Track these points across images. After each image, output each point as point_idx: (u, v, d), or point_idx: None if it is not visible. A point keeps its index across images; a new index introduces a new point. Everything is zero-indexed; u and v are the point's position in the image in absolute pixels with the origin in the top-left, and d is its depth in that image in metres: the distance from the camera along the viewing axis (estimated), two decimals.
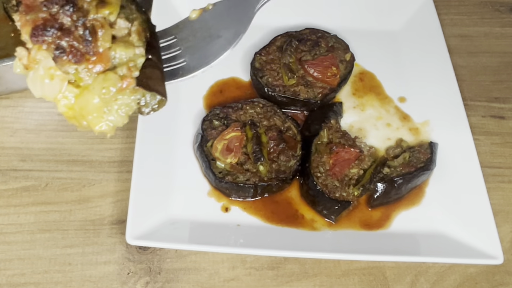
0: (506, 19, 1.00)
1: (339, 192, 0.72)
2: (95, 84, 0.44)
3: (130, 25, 0.46)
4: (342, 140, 0.76)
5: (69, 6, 0.43)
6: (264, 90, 0.80)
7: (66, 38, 0.43)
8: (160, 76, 0.48)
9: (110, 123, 0.45)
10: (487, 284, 0.70)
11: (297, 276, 0.69)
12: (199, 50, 0.51)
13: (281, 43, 0.85)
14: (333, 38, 0.86)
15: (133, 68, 0.45)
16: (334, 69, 0.81)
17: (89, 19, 0.44)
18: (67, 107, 0.46)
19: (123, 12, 0.46)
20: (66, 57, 0.43)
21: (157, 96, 0.46)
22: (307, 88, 0.80)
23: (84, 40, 0.43)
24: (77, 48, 0.43)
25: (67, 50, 0.43)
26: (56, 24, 0.43)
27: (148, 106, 0.46)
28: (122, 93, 0.45)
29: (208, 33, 0.51)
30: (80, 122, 0.46)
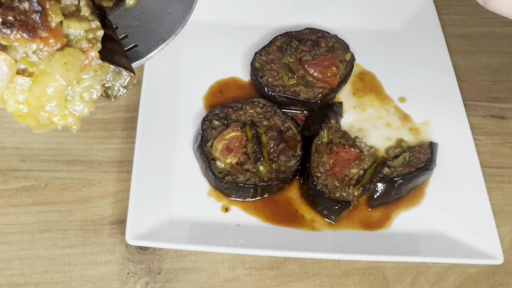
0: (506, 19, 0.99)
1: (339, 192, 0.72)
2: (53, 63, 0.38)
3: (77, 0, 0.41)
4: (342, 140, 0.76)
5: None
6: (264, 90, 0.80)
7: (11, 12, 0.37)
8: (122, 51, 0.44)
9: (74, 112, 0.40)
10: (487, 284, 0.70)
11: (297, 276, 0.69)
12: (149, 31, 0.49)
13: (281, 43, 0.85)
14: (333, 38, 0.86)
15: (94, 41, 0.40)
16: (334, 69, 0.81)
17: None
18: (19, 102, 0.39)
19: None
20: (17, 32, 0.37)
21: (122, 74, 0.42)
22: (307, 88, 0.80)
23: (33, 12, 0.37)
24: (26, 22, 0.37)
25: (15, 24, 0.37)
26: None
27: (114, 88, 0.42)
28: (86, 71, 0.40)
29: (153, 14, 0.49)
30: (37, 118, 0.40)
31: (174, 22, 0.48)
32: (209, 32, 0.90)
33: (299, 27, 0.87)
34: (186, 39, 0.89)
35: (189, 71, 0.85)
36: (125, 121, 0.82)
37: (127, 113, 0.82)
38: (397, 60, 0.89)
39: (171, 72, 0.84)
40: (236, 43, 0.89)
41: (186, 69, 0.86)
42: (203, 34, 0.90)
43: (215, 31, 0.91)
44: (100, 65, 0.40)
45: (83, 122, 0.81)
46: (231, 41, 0.89)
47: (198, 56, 0.87)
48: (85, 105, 0.40)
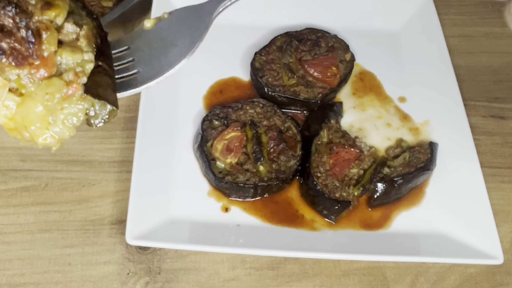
0: None
1: (339, 192, 0.71)
2: (38, 91, 0.41)
3: (79, 29, 0.43)
4: (342, 140, 0.76)
5: (11, 7, 0.40)
6: (264, 90, 0.80)
7: (7, 40, 0.40)
8: (111, 84, 0.45)
9: (55, 135, 0.42)
10: (487, 284, 0.70)
11: (297, 276, 0.69)
12: (153, 60, 0.50)
13: (281, 43, 0.85)
14: (333, 38, 0.86)
15: (81, 74, 0.42)
16: (334, 69, 0.81)
17: (33, 21, 0.41)
18: (8, 118, 0.42)
19: (72, 17, 0.44)
20: (6, 59, 0.40)
21: (107, 105, 0.43)
22: (307, 88, 0.80)
23: (27, 41, 0.40)
24: (18, 50, 0.40)
25: (7, 52, 0.40)
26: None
27: (98, 117, 0.43)
28: (68, 101, 0.41)
29: (163, 42, 0.50)
30: (22, 134, 0.42)
31: (177, 56, 0.49)
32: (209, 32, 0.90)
33: (299, 27, 0.87)
34: None
35: (189, 71, 0.85)
36: (125, 121, 0.82)
37: (127, 113, 0.82)
38: (397, 60, 0.89)
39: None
40: (236, 43, 0.89)
41: (186, 69, 0.85)
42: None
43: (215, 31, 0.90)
44: (83, 97, 0.42)
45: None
46: (231, 41, 0.89)
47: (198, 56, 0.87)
48: (66, 129, 0.42)
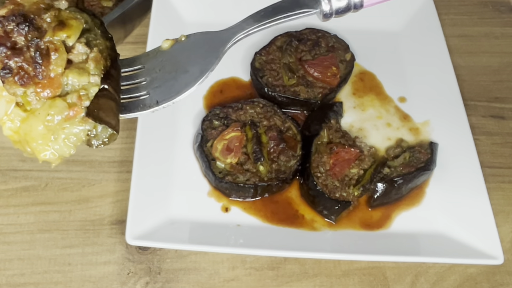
0: (506, 19, 0.99)
1: (339, 192, 0.71)
2: (41, 110, 0.42)
3: (89, 51, 0.44)
4: (342, 140, 0.76)
5: (25, 25, 0.41)
6: (264, 90, 0.80)
7: (16, 58, 0.41)
8: (114, 108, 0.45)
9: (55, 152, 0.43)
10: (487, 284, 0.70)
11: (297, 276, 0.69)
12: (163, 84, 0.49)
13: (281, 43, 0.85)
14: (333, 38, 0.86)
15: (84, 97, 0.43)
16: (334, 69, 0.81)
17: (44, 40, 0.42)
18: (13, 131, 0.43)
19: (86, 36, 0.44)
20: (12, 78, 0.41)
21: (108, 129, 0.44)
22: (307, 88, 0.80)
23: (34, 62, 0.41)
24: (25, 70, 0.41)
25: (14, 71, 0.41)
26: (8, 42, 0.41)
27: (99, 139, 0.44)
28: (69, 122, 0.43)
29: (176, 66, 0.50)
30: (25, 148, 0.44)
31: (187, 83, 0.49)
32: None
33: (299, 27, 0.87)
34: None
35: None
36: (125, 121, 0.81)
37: None
38: (397, 60, 0.89)
39: None
40: (236, 43, 0.89)
41: None
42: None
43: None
44: (84, 119, 0.43)
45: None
46: None
47: None
48: (67, 148, 0.43)
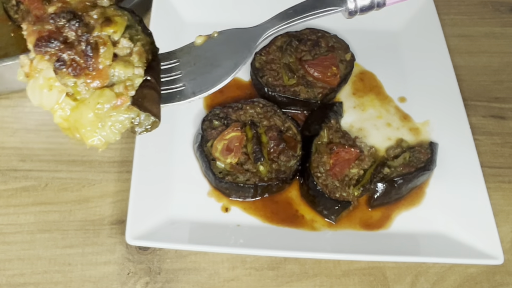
0: (506, 19, 1.00)
1: (339, 192, 0.71)
2: (91, 99, 0.45)
3: (133, 45, 0.47)
4: (342, 140, 0.76)
5: (75, 21, 0.44)
6: (264, 90, 0.80)
7: (68, 52, 0.44)
8: (157, 98, 0.48)
9: (102, 138, 0.46)
10: (488, 284, 0.70)
11: (297, 276, 0.69)
12: (198, 77, 0.53)
13: (281, 43, 0.85)
14: (333, 38, 0.86)
15: (130, 87, 0.46)
16: (334, 69, 0.81)
17: (93, 35, 0.45)
18: (63, 118, 0.47)
19: (128, 31, 0.47)
20: (66, 69, 0.44)
21: (151, 117, 0.47)
22: (307, 88, 0.80)
23: (85, 55, 0.44)
24: (77, 62, 0.44)
25: (67, 63, 0.44)
26: (60, 37, 0.44)
27: (142, 126, 0.48)
28: (116, 110, 0.46)
29: (209, 60, 0.53)
30: (74, 134, 0.47)
31: (221, 75, 0.53)
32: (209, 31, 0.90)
33: (299, 27, 0.87)
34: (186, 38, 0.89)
35: None
36: None
37: None
38: (397, 60, 0.89)
39: None
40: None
41: None
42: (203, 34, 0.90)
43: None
44: (130, 107, 0.46)
45: None
46: None
47: None
48: (113, 134, 0.47)
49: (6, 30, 0.88)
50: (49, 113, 0.83)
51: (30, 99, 0.48)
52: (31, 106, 0.83)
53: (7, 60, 0.73)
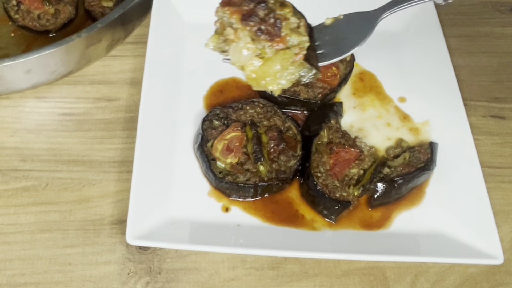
0: (506, 19, 1.00)
1: (340, 192, 0.72)
2: (277, 57, 0.62)
3: (299, 21, 0.64)
4: (342, 140, 0.76)
5: (263, 4, 0.62)
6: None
7: (263, 24, 0.61)
8: (315, 57, 0.67)
9: (279, 85, 0.64)
10: (487, 284, 0.70)
11: (297, 276, 0.70)
12: (332, 46, 0.69)
13: None
14: None
15: (301, 49, 0.63)
16: (334, 69, 0.81)
17: (276, 13, 0.62)
18: (252, 72, 0.63)
19: (293, 11, 0.64)
20: (263, 36, 0.61)
21: (313, 70, 0.64)
22: (307, 88, 0.80)
23: (275, 26, 0.61)
24: (269, 31, 0.61)
25: (264, 31, 0.61)
26: (256, 14, 0.61)
27: (305, 77, 0.65)
28: (293, 64, 0.63)
29: (338, 35, 0.69)
30: (259, 82, 0.64)
31: (350, 45, 0.69)
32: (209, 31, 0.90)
33: None
34: (186, 38, 0.89)
35: (189, 71, 0.85)
36: (125, 121, 0.82)
37: (127, 113, 0.83)
38: (397, 60, 0.89)
39: (171, 72, 0.84)
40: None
41: (187, 69, 0.86)
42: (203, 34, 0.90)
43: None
44: (301, 63, 0.63)
45: (84, 122, 0.81)
46: None
47: (198, 56, 0.87)
48: (287, 82, 0.64)
49: (6, 30, 0.89)
50: (49, 113, 0.84)
51: (231, 59, 0.64)
52: (31, 106, 0.83)
53: (7, 60, 0.73)
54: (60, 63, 0.79)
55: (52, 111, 0.82)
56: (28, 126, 0.81)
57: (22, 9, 0.87)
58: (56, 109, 0.83)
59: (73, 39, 0.76)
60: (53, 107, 0.83)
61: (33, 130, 0.80)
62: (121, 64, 0.88)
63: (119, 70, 0.87)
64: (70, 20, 0.89)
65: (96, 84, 0.85)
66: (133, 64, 0.88)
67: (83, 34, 0.77)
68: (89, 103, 0.83)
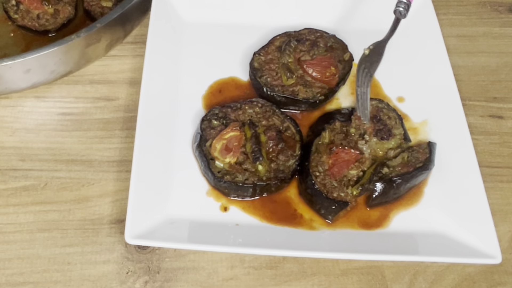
0: (504, 19, 1.00)
1: (337, 192, 0.72)
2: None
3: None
4: (344, 142, 0.76)
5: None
6: (263, 89, 0.80)
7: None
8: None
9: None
10: (485, 284, 0.70)
11: (296, 275, 0.70)
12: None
13: (280, 43, 0.85)
14: (332, 38, 0.86)
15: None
16: (333, 69, 0.82)
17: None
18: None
19: None
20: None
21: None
22: (306, 88, 0.81)
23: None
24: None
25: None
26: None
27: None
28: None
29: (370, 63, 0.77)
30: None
31: (375, 68, 0.78)
32: (208, 31, 0.91)
33: (298, 27, 0.87)
34: (185, 38, 0.89)
35: (188, 71, 0.85)
36: (124, 120, 0.82)
37: (126, 113, 0.83)
38: (396, 60, 0.89)
39: (170, 72, 0.84)
40: (235, 43, 0.89)
41: (185, 68, 0.86)
42: (202, 34, 0.90)
43: (214, 30, 0.91)
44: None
45: (83, 122, 0.81)
46: (230, 41, 0.89)
47: (197, 56, 0.87)
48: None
49: (6, 30, 0.89)
50: (49, 112, 0.84)
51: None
52: (30, 106, 0.83)
53: (7, 59, 0.73)
54: (59, 63, 0.79)
55: (51, 110, 0.82)
56: (27, 125, 0.81)
57: (21, 9, 0.87)
58: (55, 109, 0.83)
59: (72, 39, 0.77)
60: (52, 107, 0.83)
61: (32, 130, 0.80)
62: (120, 64, 0.88)
63: (118, 70, 0.87)
64: (70, 20, 0.89)
65: (95, 83, 0.86)
66: (132, 64, 0.88)
67: (82, 34, 0.77)
68: (88, 103, 0.84)
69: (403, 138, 0.77)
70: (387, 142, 0.77)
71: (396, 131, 0.78)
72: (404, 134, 0.78)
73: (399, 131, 0.78)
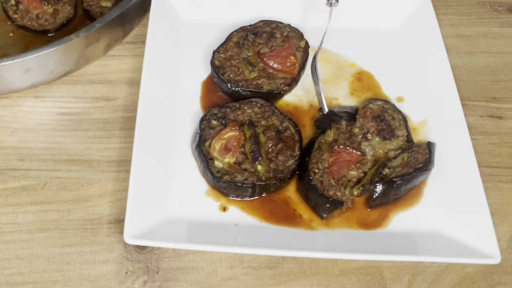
0: (504, 19, 1.00)
1: (333, 191, 0.72)
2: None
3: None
4: (347, 142, 0.76)
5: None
6: (227, 86, 0.80)
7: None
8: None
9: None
10: (485, 284, 0.70)
11: (295, 275, 0.70)
12: None
13: (238, 38, 0.85)
14: (287, 28, 0.86)
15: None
16: (292, 59, 0.82)
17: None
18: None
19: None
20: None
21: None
22: (269, 79, 0.81)
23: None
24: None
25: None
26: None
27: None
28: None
29: None
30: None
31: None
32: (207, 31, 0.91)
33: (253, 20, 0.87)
34: (184, 38, 0.89)
35: (188, 71, 0.85)
36: (123, 120, 0.82)
37: (126, 113, 0.83)
38: (395, 60, 0.89)
39: (169, 72, 0.84)
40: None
41: (185, 68, 0.86)
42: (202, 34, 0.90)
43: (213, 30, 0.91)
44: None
45: (82, 122, 0.81)
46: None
47: (196, 56, 0.87)
48: None
49: (5, 30, 0.89)
50: (48, 112, 0.84)
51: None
52: (29, 106, 0.83)
53: (6, 59, 0.73)
54: (59, 62, 0.79)
55: (50, 110, 0.82)
56: (26, 125, 0.81)
57: (20, 9, 0.87)
58: (55, 109, 0.83)
59: (71, 38, 0.77)
60: (51, 107, 0.83)
61: (31, 130, 0.80)
62: (119, 63, 0.88)
63: (118, 70, 0.87)
64: (69, 19, 0.89)
65: (94, 83, 0.86)
66: (131, 63, 0.88)
67: (81, 34, 0.77)
68: (87, 103, 0.84)
69: (406, 140, 0.77)
70: (389, 143, 0.76)
71: (400, 132, 0.78)
72: (407, 136, 0.78)
73: (403, 132, 0.78)
